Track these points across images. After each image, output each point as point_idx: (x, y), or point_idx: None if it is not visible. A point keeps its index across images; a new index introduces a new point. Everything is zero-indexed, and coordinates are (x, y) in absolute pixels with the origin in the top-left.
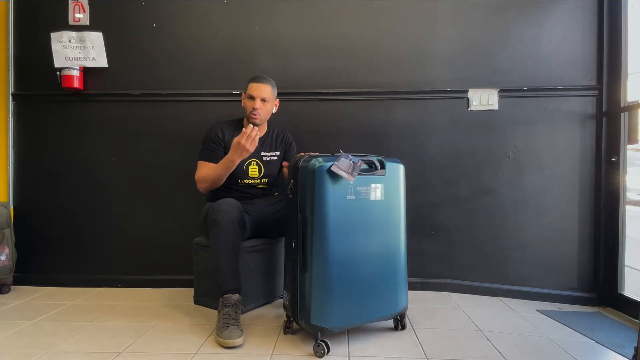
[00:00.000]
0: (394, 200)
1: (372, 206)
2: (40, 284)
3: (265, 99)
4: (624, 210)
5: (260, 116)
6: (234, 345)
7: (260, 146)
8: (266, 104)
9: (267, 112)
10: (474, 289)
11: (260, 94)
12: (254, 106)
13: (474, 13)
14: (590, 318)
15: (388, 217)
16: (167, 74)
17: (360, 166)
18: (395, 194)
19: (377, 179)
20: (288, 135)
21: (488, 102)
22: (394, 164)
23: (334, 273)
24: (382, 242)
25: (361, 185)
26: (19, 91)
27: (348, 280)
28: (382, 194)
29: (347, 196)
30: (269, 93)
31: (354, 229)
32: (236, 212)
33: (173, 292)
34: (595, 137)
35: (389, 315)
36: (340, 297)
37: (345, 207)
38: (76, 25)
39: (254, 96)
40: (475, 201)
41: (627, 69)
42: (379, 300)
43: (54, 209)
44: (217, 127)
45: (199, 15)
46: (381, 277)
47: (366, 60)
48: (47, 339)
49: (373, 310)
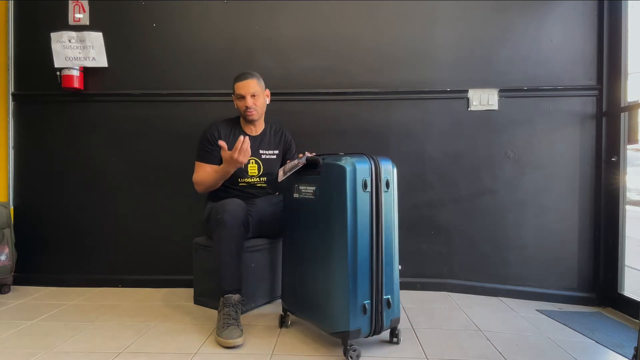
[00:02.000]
0: (331, 202)
1: (310, 206)
2: (40, 284)
3: (255, 93)
4: (624, 210)
5: (257, 111)
6: (234, 345)
7: (259, 144)
8: (257, 98)
9: (262, 106)
10: (474, 289)
11: (248, 90)
12: (246, 105)
13: (474, 13)
14: (590, 318)
15: (323, 218)
16: (167, 74)
17: (296, 166)
18: (333, 195)
19: (311, 179)
20: (287, 135)
21: (488, 102)
22: (336, 164)
23: None
24: (315, 244)
25: (303, 184)
26: (19, 91)
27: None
28: (314, 193)
29: (294, 194)
30: (256, 87)
31: (294, 227)
32: (242, 212)
33: (173, 292)
34: (595, 137)
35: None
36: None
37: (293, 205)
38: (76, 25)
39: (243, 94)
40: (475, 201)
41: (627, 69)
42: (315, 312)
43: (54, 208)
44: (214, 127)
45: (199, 15)
46: (314, 284)
47: (366, 60)
48: (47, 339)
49: None
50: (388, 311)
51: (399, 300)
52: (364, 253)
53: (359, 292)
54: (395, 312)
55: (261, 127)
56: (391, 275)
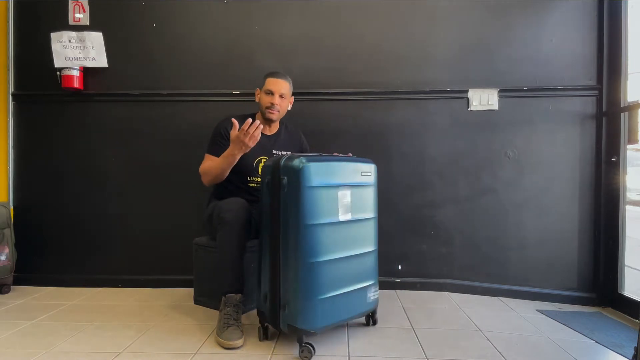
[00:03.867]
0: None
1: None
2: (40, 284)
3: (283, 95)
4: (624, 210)
5: (279, 112)
6: (234, 346)
7: (273, 144)
8: (283, 100)
9: (284, 108)
10: (474, 289)
11: (279, 89)
12: (272, 101)
13: (474, 13)
14: (590, 318)
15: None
16: (167, 74)
17: None
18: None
19: None
20: (302, 138)
21: (488, 102)
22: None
23: None
24: None
25: None
26: (19, 91)
27: None
28: None
29: None
30: (287, 89)
31: None
32: (244, 212)
33: (173, 292)
34: (595, 137)
35: None
36: None
37: None
38: (76, 25)
39: (272, 91)
40: (475, 201)
41: (627, 69)
42: None
43: (54, 208)
44: (228, 121)
45: (199, 15)
46: None
47: (366, 60)
48: (47, 339)
49: None
50: (284, 314)
51: (308, 307)
52: (265, 248)
53: (262, 283)
54: (294, 319)
55: (276, 127)
56: (291, 280)
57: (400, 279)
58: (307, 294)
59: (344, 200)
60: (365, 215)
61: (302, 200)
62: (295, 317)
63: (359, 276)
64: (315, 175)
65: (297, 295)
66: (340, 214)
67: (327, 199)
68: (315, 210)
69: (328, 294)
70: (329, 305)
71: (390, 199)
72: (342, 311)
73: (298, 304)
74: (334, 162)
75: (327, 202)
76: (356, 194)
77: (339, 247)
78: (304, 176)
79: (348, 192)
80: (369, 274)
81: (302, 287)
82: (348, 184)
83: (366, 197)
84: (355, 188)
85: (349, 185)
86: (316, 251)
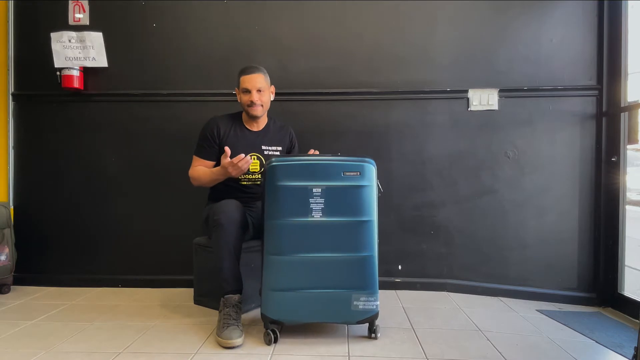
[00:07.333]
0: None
1: None
2: (40, 284)
3: (261, 88)
4: (624, 210)
5: (261, 107)
6: (234, 345)
7: (262, 139)
8: (263, 94)
9: (267, 102)
10: (474, 289)
11: (255, 85)
12: (251, 99)
13: (474, 13)
14: (590, 318)
15: None
16: (167, 74)
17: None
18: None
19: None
20: (291, 132)
21: (488, 102)
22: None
23: None
24: None
25: None
26: (19, 91)
27: None
28: None
29: None
30: (263, 82)
31: None
32: (238, 213)
33: (173, 292)
34: (595, 137)
35: None
36: None
37: None
38: (76, 25)
39: (249, 89)
40: (475, 201)
41: (627, 69)
42: None
43: (54, 209)
44: (212, 123)
45: (199, 15)
46: None
47: (366, 60)
48: (47, 339)
49: None
50: (261, 303)
51: (271, 298)
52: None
53: None
54: (264, 307)
55: (264, 123)
56: (262, 272)
57: (400, 279)
58: (269, 285)
59: (318, 200)
60: (350, 217)
61: (269, 198)
62: (265, 305)
63: (338, 281)
64: (283, 175)
65: (264, 285)
66: (313, 213)
67: (297, 198)
68: (282, 208)
69: (293, 289)
70: (297, 301)
71: (390, 198)
72: (316, 312)
73: (265, 294)
74: (306, 163)
75: (296, 201)
76: (334, 194)
77: (309, 247)
78: (272, 175)
79: (322, 192)
80: (357, 280)
81: (266, 278)
82: (323, 184)
83: (352, 198)
84: (334, 189)
85: (324, 185)
86: (279, 247)
